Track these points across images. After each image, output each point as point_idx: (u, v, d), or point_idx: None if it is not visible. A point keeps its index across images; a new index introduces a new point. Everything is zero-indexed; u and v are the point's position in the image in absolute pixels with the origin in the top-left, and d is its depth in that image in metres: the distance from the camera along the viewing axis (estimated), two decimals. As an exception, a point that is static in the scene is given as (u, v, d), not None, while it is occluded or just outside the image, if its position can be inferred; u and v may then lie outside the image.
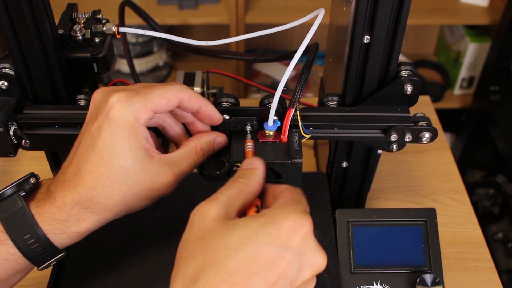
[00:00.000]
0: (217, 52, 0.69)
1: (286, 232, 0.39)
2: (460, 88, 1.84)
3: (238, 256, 0.38)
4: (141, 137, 0.47)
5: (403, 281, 0.60)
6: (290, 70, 0.50)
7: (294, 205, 0.41)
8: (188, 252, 0.40)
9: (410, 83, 0.56)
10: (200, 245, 0.39)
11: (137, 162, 0.47)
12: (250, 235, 0.39)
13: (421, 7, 1.62)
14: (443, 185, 0.81)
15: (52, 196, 0.46)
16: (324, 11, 0.54)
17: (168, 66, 1.86)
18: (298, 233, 0.40)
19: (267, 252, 0.38)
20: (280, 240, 0.39)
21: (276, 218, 0.40)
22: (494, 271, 0.70)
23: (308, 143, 0.85)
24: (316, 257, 0.41)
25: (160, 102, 0.47)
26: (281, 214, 0.40)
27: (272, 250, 0.38)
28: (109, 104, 0.46)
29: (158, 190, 0.48)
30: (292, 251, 0.39)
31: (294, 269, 0.39)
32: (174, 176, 0.49)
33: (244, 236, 0.39)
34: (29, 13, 0.51)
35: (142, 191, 0.47)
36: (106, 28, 0.58)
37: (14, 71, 0.55)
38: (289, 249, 0.39)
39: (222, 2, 1.63)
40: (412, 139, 0.56)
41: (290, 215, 0.40)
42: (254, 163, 0.46)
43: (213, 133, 0.53)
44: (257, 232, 0.39)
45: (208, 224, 0.40)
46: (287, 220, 0.40)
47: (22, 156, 0.81)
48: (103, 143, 0.46)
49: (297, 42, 1.12)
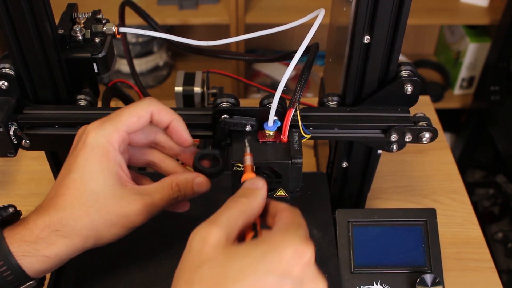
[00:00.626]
0: (217, 52, 0.69)
1: (287, 260, 0.38)
2: (460, 88, 1.84)
3: (238, 286, 0.37)
4: (114, 162, 0.48)
5: (403, 281, 0.60)
6: (290, 70, 0.50)
7: (296, 230, 0.40)
8: (185, 279, 0.39)
9: (410, 83, 0.56)
10: (198, 273, 0.38)
11: (108, 187, 0.47)
12: (250, 264, 0.38)
13: (421, 7, 1.62)
14: (443, 185, 0.81)
15: (26, 220, 0.47)
16: (324, 11, 0.54)
17: (168, 66, 1.86)
18: (299, 262, 0.39)
19: (267, 281, 0.37)
20: (280, 268, 0.38)
21: (278, 245, 0.39)
22: (494, 271, 0.70)
23: (308, 143, 0.85)
24: (316, 285, 0.40)
25: (131, 120, 0.49)
26: (282, 241, 0.39)
27: (272, 279, 0.38)
28: (85, 133, 0.49)
29: (127, 217, 0.48)
30: (292, 279, 0.38)
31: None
32: (145, 205, 0.49)
33: (245, 265, 0.38)
34: (29, 13, 0.51)
35: (111, 216, 0.47)
36: (106, 28, 0.58)
37: (14, 71, 0.55)
38: (289, 277, 0.38)
39: (222, 2, 1.63)
40: (412, 139, 0.56)
41: (292, 242, 0.39)
42: (257, 184, 0.45)
43: (193, 173, 0.53)
44: (258, 261, 0.38)
45: (207, 250, 0.39)
46: (288, 248, 0.38)
47: (22, 156, 0.81)
48: (77, 167, 0.47)
49: (297, 42, 1.11)
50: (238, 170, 0.51)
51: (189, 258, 0.40)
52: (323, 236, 0.62)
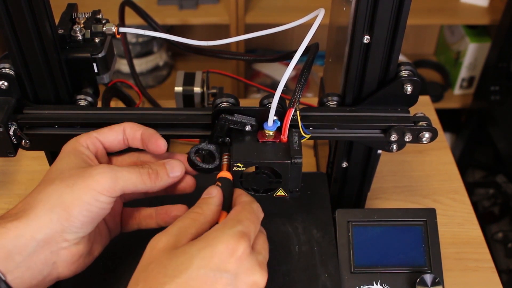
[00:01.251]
0: (217, 52, 0.69)
1: (219, 255, 0.41)
2: (460, 88, 1.84)
3: (175, 282, 0.40)
4: (80, 153, 0.50)
5: (403, 281, 0.60)
6: (290, 70, 0.50)
7: (231, 227, 0.43)
8: (134, 280, 0.43)
9: (410, 83, 0.56)
10: (143, 273, 0.42)
11: (74, 166, 0.48)
12: (185, 261, 0.41)
13: (421, 7, 1.62)
14: (443, 185, 0.81)
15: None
16: (324, 11, 0.54)
17: (168, 66, 1.86)
18: (232, 256, 0.42)
19: (200, 276, 0.41)
20: (213, 263, 0.41)
21: (211, 241, 0.42)
22: (494, 271, 0.70)
23: (308, 143, 0.85)
24: (252, 276, 0.43)
25: (103, 130, 0.51)
26: (216, 237, 0.42)
27: (206, 274, 0.41)
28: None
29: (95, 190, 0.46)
30: (226, 273, 0.41)
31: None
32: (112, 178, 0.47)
33: (180, 262, 0.41)
34: (29, 13, 0.51)
35: (76, 184, 0.46)
36: (106, 28, 0.58)
37: (14, 71, 0.55)
38: (222, 271, 0.41)
39: (222, 2, 1.63)
40: (412, 139, 0.56)
41: (224, 238, 0.42)
42: (211, 192, 0.49)
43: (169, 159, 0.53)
44: (192, 257, 0.41)
45: (154, 254, 0.43)
46: (220, 243, 0.42)
47: (22, 156, 0.81)
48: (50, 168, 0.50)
49: (297, 42, 1.12)
50: (238, 170, 0.51)
51: (140, 262, 0.44)
52: (323, 236, 0.62)
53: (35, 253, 0.45)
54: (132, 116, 0.56)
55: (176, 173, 0.51)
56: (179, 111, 0.57)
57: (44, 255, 0.46)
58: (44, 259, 0.46)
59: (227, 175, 0.51)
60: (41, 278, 0.47)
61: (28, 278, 0.46)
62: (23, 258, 0.45)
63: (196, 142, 0.78)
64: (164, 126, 0.56)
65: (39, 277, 0.46)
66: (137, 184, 0.49)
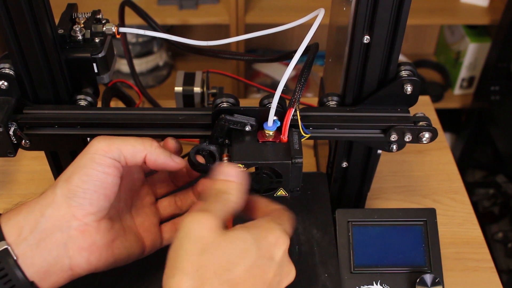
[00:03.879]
0: (217, 52, 0.69)
1: (274, 245, 0.44)
2: (460, 88, 1.84)
3: (238, 269, 0.41)
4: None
5: (403, 281, 0.60)
6: (290, 70, 0.50)
7: (280, 223, 0.46)
8: (188, 264, 0.41)
9: (410, 83, 0.56)
10: (202, 257, 0.41)
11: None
12: (247, 247, 0.42)
13: (421, 7, 1.62)
14: (443, 185, 0.81)
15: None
16: (324, 11, 0.54)
17: (168, 66, 1.86)
18: (281, 247, 0.44)
19: (261, 263, 0.43)
20: (269, 252, 0.43)
21: (264, 231, 0.44)
22: (494, 271, 0.70)
23: (308, 143, 0.85)
24: (291, 271, 0.46)
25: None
26: (268, 228, 0.44)
27: (263, 262, 0.43)
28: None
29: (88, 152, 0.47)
30: (276, 263, 0.44)
31: (277, 280, 0.44)
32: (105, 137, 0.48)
33: (242, 249, 0.42)
34: (29, 13, 0.51)
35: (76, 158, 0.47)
36: (106, 28, 0.58)
37: (14, 71, 0.55)
38: (274, 261, 0.44)
39: (222, 2, 1.63)
40: (412, 139, 0.56)
41: (276, 231, 0.44)
42: (236, 175, 0.48)
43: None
44: (252, 244, 0.43)
45: (208, 235, 0.42)
46: (271, 234, 0.44)
47: (22, 156, 0.81)
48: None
49: (297, 42, 1.12)
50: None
51: (189, 242, 0.42)
52: (323, 236, 0.62)
53: (45, 231, 0.45)
54: (132, 116, 0.56)
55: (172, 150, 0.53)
56: (179, 111, 0.57)
57: (55, 235, 0.46)
58: (54, 239, 0.46)
59: None
60: (52, 262, 0.46)
61: (38, 260, 0.45)
62: (33, 236, 0.45)
63: (196, 142, 0.78)
64: (164, 126, 0.56)
65: (49, 259, 0.46)
66: (135, 144, 0.49)
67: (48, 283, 0.47)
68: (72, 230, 0.46)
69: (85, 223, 0.47)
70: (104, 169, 0.47)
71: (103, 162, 0.47)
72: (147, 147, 0.49)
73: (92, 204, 0.47)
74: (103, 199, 0.47)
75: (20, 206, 0.47)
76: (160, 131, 0.56)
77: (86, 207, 0.46)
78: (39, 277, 0.46)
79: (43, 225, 0.46)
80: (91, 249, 0.47)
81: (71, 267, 0.47)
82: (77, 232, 0.46)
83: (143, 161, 0.50)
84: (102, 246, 0.48)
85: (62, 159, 0.63)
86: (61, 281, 0.47)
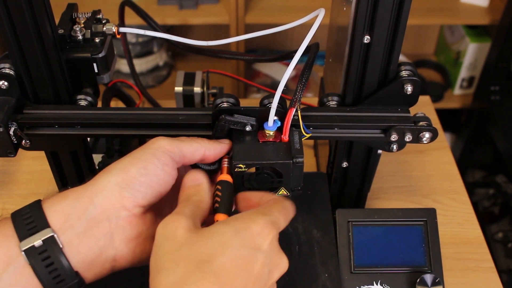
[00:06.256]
0: (217, 52, 0.69)
1: (257, 236, 0.42)
2: (460, 88, 1.84)
3: (219, 260, 0.40)
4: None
5: (403, 281, 0.60)
6: (290, 70, 0.50)
7: (264, 214, 0.44)
8: (168, 261, 0.41)
9: (410, 83, 0.56)
10: (180, 253, 0.41)
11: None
12: (227, 239, 0.41)
13: (421, 7, 1.62)
14: (443, 185, 0.81)
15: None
16: (324, 11, 0.54)
17: (168, 66, 1.86)
18: (267, 237, 0.43)
19: (244, 254, 0.41)
20: (253, 242, 0.42)
21: (246, 223, 0.43)
22: (494, 271, 0.70)
23: (308, 143, 0.85)
24: (281, 260, 0.44)
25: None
26: (251, 220, 0.43)
27: (247, 252, 0.41)
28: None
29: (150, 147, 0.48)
30: (263, 253, 0.42)
31: (266, 271, 0.42)
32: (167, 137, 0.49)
33: (222, 241, 0.41)
34: (29, 13, 0.51)
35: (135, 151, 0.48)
36: (106, 28, 0.58)
37: (14, 71, 0.55)
38: (261, 251, 0.42)
39: (222, 2, 1.63)
40: (412, 139, 0.56)
41: (259, 221, 0.43)
42: (197, 178, 0.49)
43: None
44: (232, 236, 0.42)
45: (182, 233, 0.42)
46: (255, 225, 0.43)
47: (22, 156, 0.81)
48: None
49: (297, 42, 1.11)
50: (240, 171, 0.51)
51: (166, 243, 0.42)
52: (323, 236, 0.62)
53: (93, 219, 0.44)
54: (132, 116, 0.56)
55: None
56: (179, 111, 0.57)
57: (102, 224, 0.45)
58: (102, 228, 0.45)
59: (227, 178, 0.50)
60: (98, 252, 0.45)
61: (84, 249, 0.44)
62: (81, 224, 0.44)
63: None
64: (164, 126, 0.56)
65: (95, 249, 0.45)
66: (192, 143, 0.50)
67: (92, 273, 0.45)
68: (120, 220, 0.45)
69: (134, 214, 0.46)
70: (163, 167, 0.47)
71: (163, 159, 0.47)
72: (203, 144, 0.50)
73: (144, 198, 0.46)
74: (156, 195, 0.47)
75: (64, 192, 0.45)
76: (160, 131, 0.55)
77: (138, 200, 0.46)
78: (84, 267, 0.44)
79: (92, 213, 0.44)
80: (137, 241, 0.47)
81: (115, 258, 0.46)
82: (125, 222, 0.46)
83: (201, 158, 0.51)
84: (147, 238, 0.47)
85: (62, 159, 0.63)
86: (104, 273, 0.47)
